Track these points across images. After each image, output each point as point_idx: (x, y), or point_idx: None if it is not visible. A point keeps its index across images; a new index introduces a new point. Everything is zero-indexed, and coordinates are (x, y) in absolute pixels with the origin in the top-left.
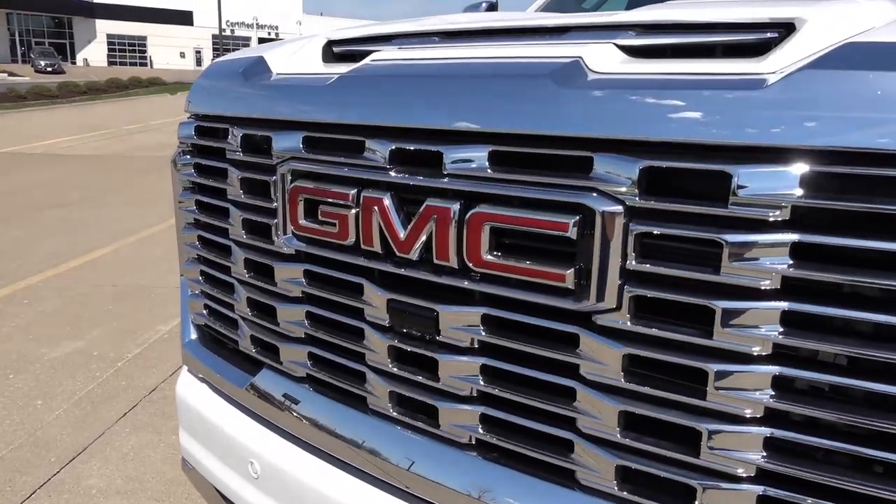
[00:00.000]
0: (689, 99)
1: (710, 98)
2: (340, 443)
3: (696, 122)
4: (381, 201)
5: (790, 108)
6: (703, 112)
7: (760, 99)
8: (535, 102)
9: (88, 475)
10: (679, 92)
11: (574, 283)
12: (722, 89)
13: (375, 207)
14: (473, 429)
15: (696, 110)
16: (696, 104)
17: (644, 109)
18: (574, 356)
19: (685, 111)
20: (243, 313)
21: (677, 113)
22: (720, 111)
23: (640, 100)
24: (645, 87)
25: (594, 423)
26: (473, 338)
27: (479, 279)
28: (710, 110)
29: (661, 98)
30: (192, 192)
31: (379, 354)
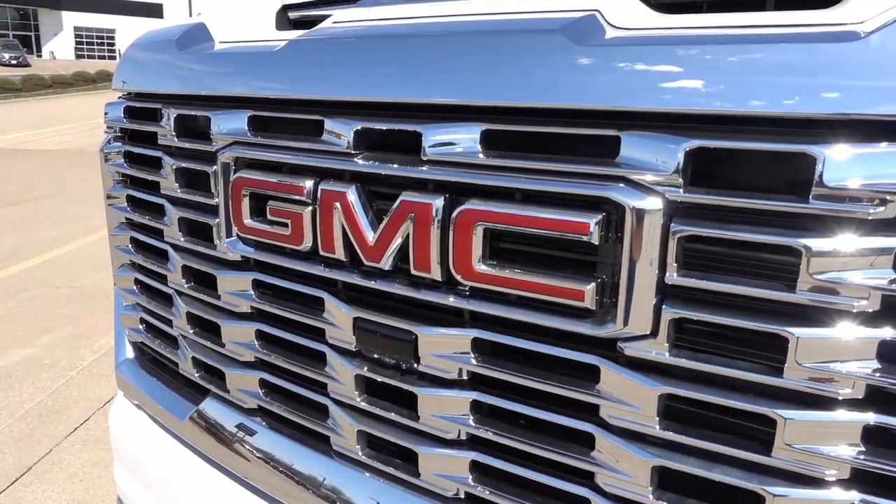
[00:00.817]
0: (749, 59)
1: (781, 57)
2: (299, 490)
3: (763, 88)
4: (344, 196)
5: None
6: (771, 76)
7: (853, 56)
8: (540, 67)
9: (31, 500)
10: (735, 49)
11: (595, 302)
12: (797, 43)
13: (337, 203)
14: (462, 480)
15: (761, 74)
16: (759, 66)
17: (684, 74)
18: (593, 394)
19: (745, 75)
20: (183, 331)
21: (733, 78)
22: (798, 74)
23: (680, 61)
24: (685, 45)
25: (618, 481)
26: (462, 367)
27: (470, 295)
28: (783, 74)
29: (707, 59)
30: (122, 185)
31: (345, 385)
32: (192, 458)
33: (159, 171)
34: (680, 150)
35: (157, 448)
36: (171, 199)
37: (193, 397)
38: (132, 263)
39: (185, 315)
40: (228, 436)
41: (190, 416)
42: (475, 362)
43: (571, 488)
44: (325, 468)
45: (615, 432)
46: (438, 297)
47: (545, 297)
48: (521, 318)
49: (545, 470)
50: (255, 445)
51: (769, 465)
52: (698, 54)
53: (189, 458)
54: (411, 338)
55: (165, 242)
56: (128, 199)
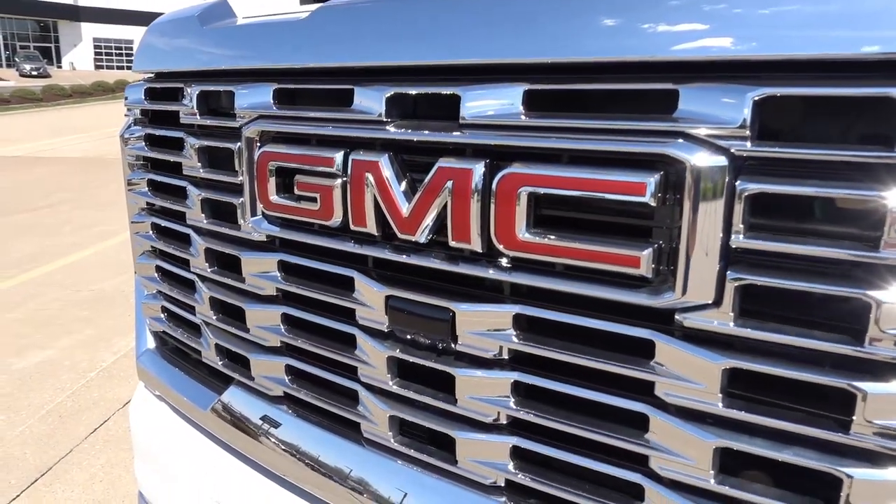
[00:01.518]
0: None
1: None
2: (327, 481)
3: (838, 28)
4: (376, 166)
5: None
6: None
7: None
8: (584, 19)
9: (51, 500)
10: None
11: (651, 270)
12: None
13: (368, 174)
14: (502, 467)
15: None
16: (830, 6)
17: (746, 18)
18: (647, 371)
19: (816, 16)
20: (206, 317)
21: (801, 19)
22: (877, 11)
23: (741, 4)
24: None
25: (676, 464)
26: (502, 346)
27: (512, 267)
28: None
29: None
30: (143, 169)
31: (376, 368)
32: (215, 449)
33: (181, 152)
34: (746, 100)
35: (179, 440)
36: (194, 181)
37: (216, 387)
38: (153, 250)
39: (209, 300)
40: (253, 425)
41: (213, 406)
42: (517, 340)
43: (623, 474)
44: (355, 457)
45: (672, 412)
46: (478, 271)
47: (595, 265)
48: (567, 289)
49: (593, 455)
50: (280, 435)
51: (847, 445)
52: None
53: (212, 449)
54: (448, 316)
55: (188, 226)
56: (149, 183)
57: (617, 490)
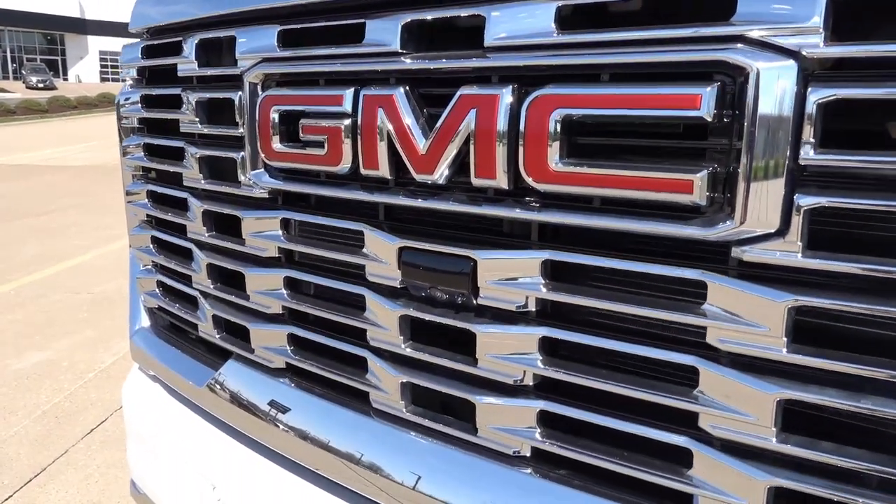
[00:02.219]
0: None
1: None
2: (331, 458)
3: None
4: (391, 100)
5: None
6: None
7: None
8: None
9: (45, 501)
10: None
11: (705, 196)
12: None
13: (381, 109)
14: (528, 434)
15: None
16: None
17: None
18: (697, 315)
19: None
20: (204, 286)
21: None
22: None
23: None
24: None
25: (731, 422)
26: (530, 296)
27: (543, 204)
28: None
29: None
30: (139, 133)
31: (387, 330)
32: (212, 431)
33: (179, 109)
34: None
35: (173, 423)
36: (192, 140)
37: (213, 363)
38: (148, 220)
39: (206, 268)
40: (252, 401)
41: (209, 382)
42: (545, 290)
43: (668, 438)
44: (364, 430)
45: (726, 362)
46: (504, 211)
47: (639, 196)
48: (606, 225)
49: (632, 418)
50: (282, 409)
51: None
52: None
53: (209, 431)
54: (468, 266)
55: (184, 189)
56: (145, 148)
57: (660, 456)
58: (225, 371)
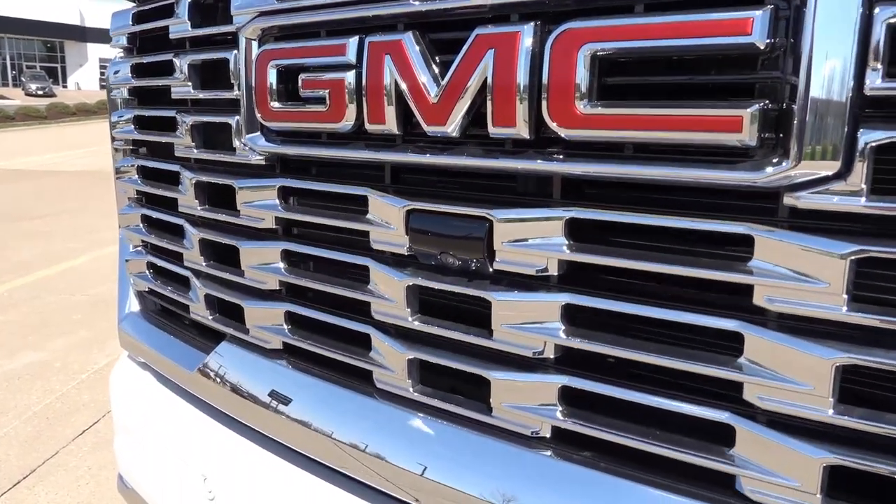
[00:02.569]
0: None
1: None
2: (332, 444)
3: None
4: (399, 45)
5: None
6: None
7: None
8: None
9: (33, 503)
10: None
11: (755, 135)
12: None
13: (388, 57)
14: (548, 413)
15: None
16: None
17: None
18: (743, 273)
19: None
20: (196, 264)
21: None
22: None
23: None
24: None
25: (781, 393)
26: (551, 258)
27: (568, 154)
28: None
29: None
30: (129, 106)
31: (393, 303)
32: (203, 419)
33: (170, 75)
34: None
35: (163, 412)
36: (184, 108)
37: (206, 347)
38: (138, 197)
39: (198, 244)
40: (247, 384)
41: (200, 366)
42: (569, 251)
43: (707, 413)
44: (367, 412)
45: (775, 325)
46: (525, 163)
47: (677, 138)
48: (639, 174)
49: (667, 392)
50: (279, 392)
51: None
52: None
53: (200, 419)
54: (483, 228)
55: (176, 162)
56: (135, 120)
57: (697, 434)
58: (218, 353)
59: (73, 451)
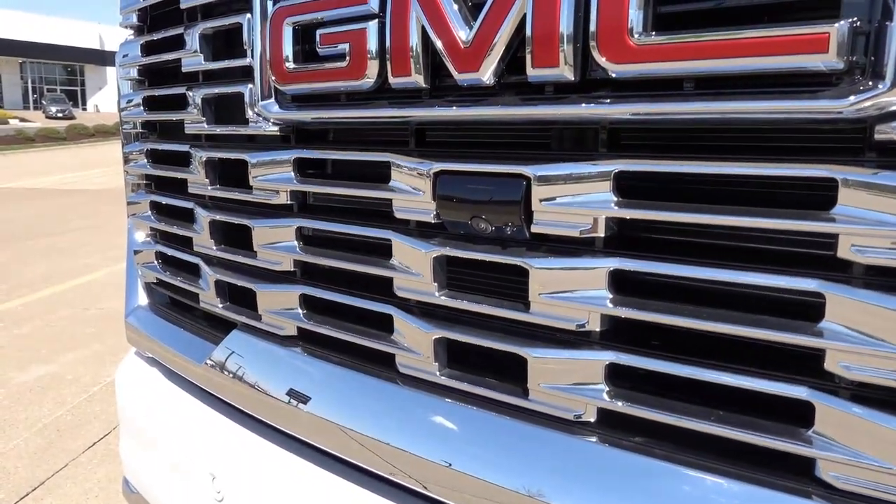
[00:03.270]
0: None
1: None
2: (351, 438)
3: None
4: None
5: None
6: None
7: None
8: None
9: None
10: None
11: (844, 57)
12: None
13: (414, 0)
14: (594, 393)
15: None
16: None
17: None
18: (825, 221)
19: None
20: (206, 248)
21: None
22: None
23: None
24: None
25: (873, 360)
26: (598, 217)
27: (619, 97)
28: None
29: None
30: (139, 85)
31: (418, 277)
32: (214, 416)
33: (180, 49)
34: None
35: (171, 410)
36: (194, 81)
37: (216, 339)
38: (148, 182)
39: (209, 226)
40: (260, 374)
41: (210, 357)
42: (617, 208)
43: (780, 389)
44: (390, 399)
45: (861, 283)
46: (569, 109)
47: (749, 65)
48: (700, 111)
49: (731, 367)
50: (294, 382)
51: None
52: None
53: (211, 416)
54: (520, 188)
55: (186, 141)
56: (144, 102)
57: (766, 415)
58: (228, 343)
59: (82, 462)
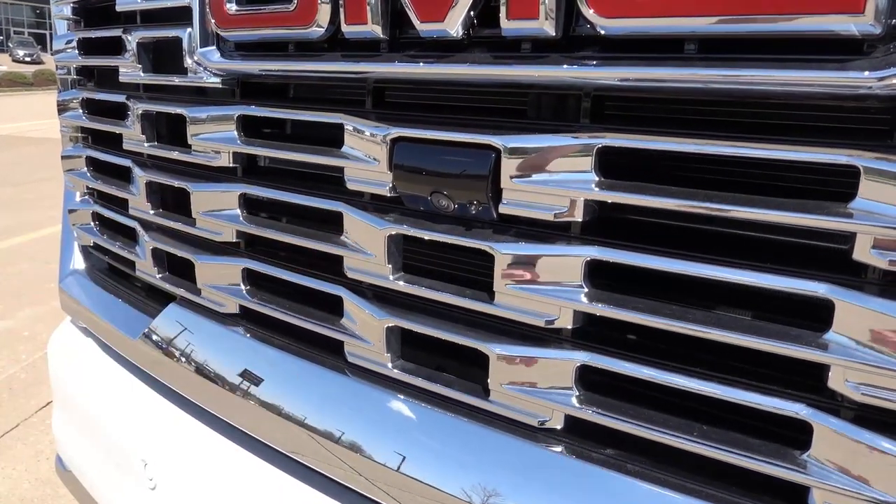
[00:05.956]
0: None
1: None
2: (293, 430)
3: None
4: None
5: None
6: None
7: None
8: None
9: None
10: None
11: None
12: None
13: None
14: (562, 398)
15: None
16: None
17: None
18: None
19: None
20: (141, 212)
21: None
22: None
23: None
24: None
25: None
26: (575, 199)
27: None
28: None
29: None
30: (75, 26)
31: (370, 257)
32: (151, 397)
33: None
34: None
35: (105, 386)
36: (131, 25)
37: (155, 312)
38: (85, 136)
39: (146, 187)
40: (197, 354)
41: (144, 332)
42: (598, 189)
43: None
44: (336, 390)
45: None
46: (548, 70)
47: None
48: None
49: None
50: (234, 365)
51: None
52: None
53: (147, 397)
54: (488, 160)
55: (122, 91)
56: (79, 44)
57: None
58: (165, 317)
59: (35, 423)
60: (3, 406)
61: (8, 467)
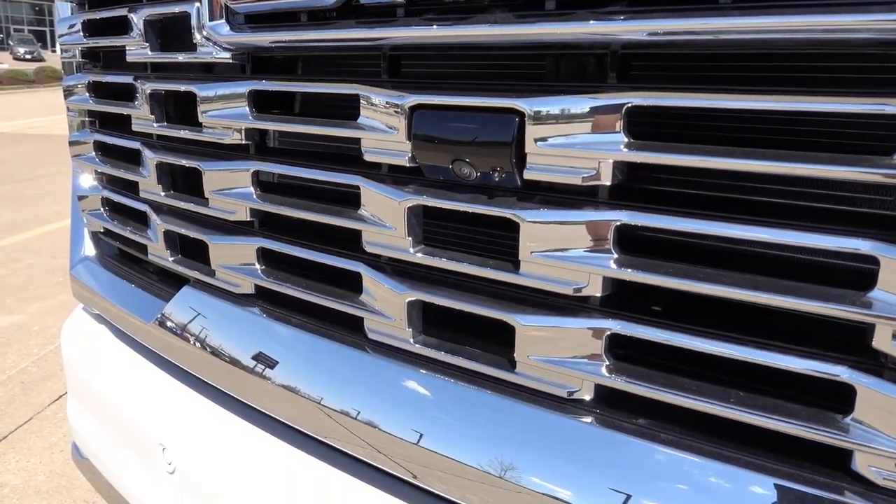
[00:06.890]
0: None
1: None
2: (313, 409)
3: None
4: None
5: None
6: None
7: None
8: None
9: (3, 470)
10: None
11: None
12: None
13: None
14: (592, 368)
15: None
16: None
17: None
18: (882, 168)
19: None
20: (153, 194)
21: None
22: None
23: None
24: None
25: None
26: (602, 160)
27: (637, 10)
28: None
29: None
30: (79, 8)
31: (390, 230)
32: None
33: None
34: None
35: (120, 372)
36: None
37: (168, 295)
38: (92, 120)
39: (156, 169)
40: (212, 337)
41: (158, 316)
42: (626, 150)
43: (815, 367)
44: (356, 369)
45: None
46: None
47: None
48: (740, 28)
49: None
50: (252, 348)
51: None
52: None
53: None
54: (511, 125)
55: (130, 72)
56: (84, 26)
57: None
58: (179, 300)
59: (47, 416)
60: (16, 400)
61: (23, 460)
